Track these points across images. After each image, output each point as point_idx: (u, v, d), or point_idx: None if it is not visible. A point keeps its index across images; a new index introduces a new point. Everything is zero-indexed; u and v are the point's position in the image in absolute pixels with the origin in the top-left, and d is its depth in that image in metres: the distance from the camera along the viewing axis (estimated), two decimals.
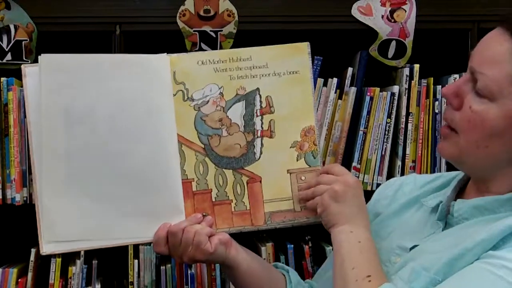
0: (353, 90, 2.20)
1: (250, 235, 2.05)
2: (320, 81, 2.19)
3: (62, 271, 2.13)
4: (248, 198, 1.55)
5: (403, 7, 2.26)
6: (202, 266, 2.17)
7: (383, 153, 2.21)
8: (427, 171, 2.22)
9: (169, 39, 2.16)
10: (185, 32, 2.20)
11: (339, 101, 2.21)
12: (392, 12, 2.26)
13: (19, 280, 2.12)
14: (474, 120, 1.27)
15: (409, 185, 1.57)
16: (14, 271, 2.12)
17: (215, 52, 1.59)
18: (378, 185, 2.18)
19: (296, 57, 1.57)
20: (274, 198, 1.56)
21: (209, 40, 2.20)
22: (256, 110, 1.56)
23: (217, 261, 1.56)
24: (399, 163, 2.21)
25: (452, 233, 1.32)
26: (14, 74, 2.12)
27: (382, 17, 2.26)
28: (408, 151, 2.21)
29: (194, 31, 2.20)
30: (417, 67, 2.22)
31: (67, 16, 2.19)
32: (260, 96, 1.56)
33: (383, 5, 2.26)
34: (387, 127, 2.20)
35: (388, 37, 2.27)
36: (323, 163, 2.17)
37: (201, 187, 1.55)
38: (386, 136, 2.21)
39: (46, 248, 1.50)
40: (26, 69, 1.52)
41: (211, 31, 2.20)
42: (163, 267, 2.18)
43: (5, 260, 2.23)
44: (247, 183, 1.56)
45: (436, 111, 2.21)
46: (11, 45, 2.16)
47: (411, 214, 1.48)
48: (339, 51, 2.34)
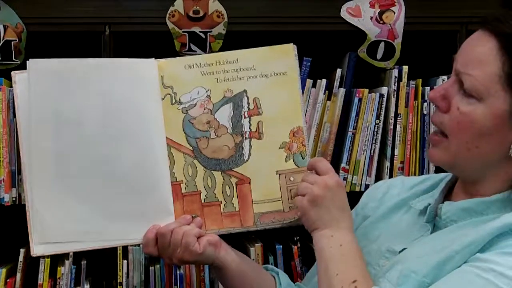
0: (342, 91, 2.21)
1: (239, 236, 2.05)
2: (309, 82, 2.19)
3: (51, 272, 2.12)
4: (237, 199, 1.56)
5: (392, 8, 2.27)
6: (191, 267, 2.18)
7: (371, 154, 2.22)
8: (415, 172, 2.23)
9: (158, 40, 2.17)
10: (174, 33, 2.20)
11: (328, 102, 2.21)
12: (381, 13, 2.27)
13: (8, 280, 2.11)
14: (463, 121, 1.27)
15: (397, 187, 1.57)
16: (2, 271, 2.11)
17: (202, 56, 1.58)
18: (367, 186, 2.19)
19: (283, 58, 1.57)
20: (263, 199, 1.56)
21: (199, 41, 2.20)
22: (244, 112, 1.56)
23: (206, 262, 1.56)
24: (387, 164, 2.22)
25: (441, 236, 1.32)
26: (3, 74, 2.11)
27: (371, 18, 2.27)
28: (396, 152, 2.22)
29: (184, 32, 2.20)
30: (405, 68, 2.23)
31: (57, 16, 2.18)
32: (248, 98, 1.56)
33: (372, 6, 2.27)
34: (375, 128, 2.21)
35: (377, 39, 2.28)
36: None
37: (190, 189, 1.55)
38: (374, 137, 2.22)
39: (37, 250, 1.50)
40: (16, 75, 1.52)
41: (200, 32, 2.20)
42: (152, 268, 2.18)
43: None
44: (236, 184, 1.56)
45: (425, 112, 2.22)
46: (0, 45, 2.16)
47: (399, 217, 1.49)
48: (328, 53, 2.34)
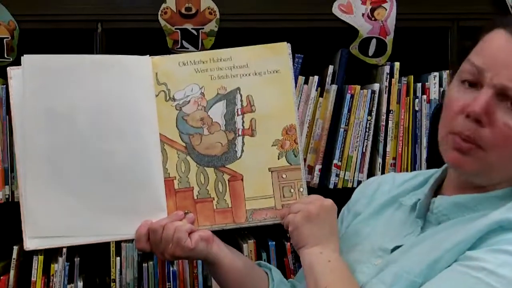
0: (334, 88, 2.21)
1: (232, 232, 2.06)
2: (301, 79, 2.20)
3: (44, 269, 2.12)
4: (230, 196, 1.56)
5: (384, 5, 2.28)
6: (184, 263, 2.18)
7: (364, 150, 2.23)
8: (407, 168, 2.24)
9: (150, 37, 2.17)
10: (166, 30, 2.20)
11: (320, 99, 2.22)
12: (372, 10, 2.27)
13: (1, 277, 2.12)
14: (510, 137, 1.23)
15: (387, 184, 1.57)
16: None
17: (196, 53, 1.59)
18: (359, 182, 2.20)
19: (277, 56, 1.58)
20: (256, 196, 1.57)
21: (191, 38, 2.20)
22: (237, 109, 1.57)
23: (198, 258, 1.57)
24: (379, 160, 2.23)
25: (432, 234, 1.32)
26: None
27: (363, 15, 2.27)
28: (388, 148, 2.23)
29: (176, 29, 2.20)
30: (397, 65, 2.23)
31: (49, 13, 2.18)
32: (241, 96, 1.57)
33: (364, 3, 2.27)
34: (367, 124, 2.22)
35: (369, 35, 2.28)
36: (304, 160, 2.19)
37: (183, 185, 1.56)
38: (366, 134, 2.22)
39: (30, 244, 1.51)
40: (12, 71, 1.52)
41: (192, 29, 2.20)
42: (145, 264, 2.18)
43: None
44: (228, 181, 1.57)
45: (416, 108, 2.23)
46: None
47: (390, 214, 1.49)
48: (320, 49, 2.35)
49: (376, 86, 2.22)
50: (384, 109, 2.22)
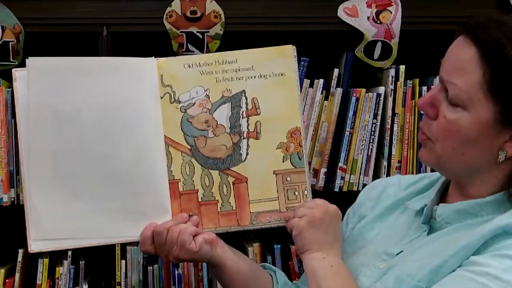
0: (339, 91, 2.21)
1: (237, 235, 2.06)
2: (306, 82, 2.20)
3: (50, 272, 2.12)
4: (234, 198, 1.56)
5: (389, 8, 2.28)
6: (189, 266, 2.18)
7: (369, 153, 2.22)
8: (412, 172, 2.23)
9: (156, 40, 2.17)
10: (172, 33, 2.20)
11: (325, 102, 2.22)
12: (377, 13, 2.27)
13: (7, 280, 2.12)
14: (450, 129, 1.28)
15: (393, 186, 1.58)
16: (1, 272, 2.11)
17: (202, 55, 1.60)
18: (364, 185, 2.19)
19: (282, 59, 1.58)
20: (260, 199, 1.57)
21: (196, 41, 2.20)
22: (242, 111, 1.57)
23: (203, 260, 1.57)
24: (385, 163, 2.23)
25: (436, 239, 1.33)
26: (1, 75, 2.12)
27: (368, 18, 2.27)
28: (394, 151, 2.23)
29: (181, 32, 2.20)
30: (402, 68, 2.23)
31: (54, 17, 2.19)
32: (246, 98, 1.57)
33: (369, 6, 2.27)
34: (373, 127, 2.22)
35: (374, 39, 2.28)
36: (309, 163, 2.19)
37: (187, 188, 1.56)
38: (372, 137, 2.22)
39: (34, 246, 1.51)
40: (17, 73, 1.53)
41: (197, 32, 2.21)
42: (150, 268, 2.18)
43: None
44: (233, 183, 1.57)
45: (422, 112, 2.22)
46: None
47: (395, 217, 1.49)
48: (325, 52, 2.35)
49: (382, 89, 2.22)
50: (389, 112, 2.22)
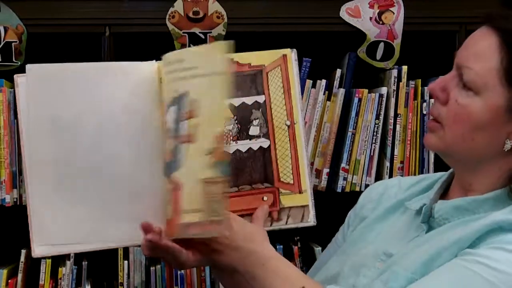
0: (342, 91, 2.21)
1: None
2: (309, 82, 2.20)
3: (52, 272, 2.13)
4: (172, 206, 1.43)
5: (391, 9, 2.28)
6: None
7: (371, 154, 2.23)
8: (415, 172, 2.23)
9: (158, 41, 2.17)
10: (174, 34, 2.20)
11: (328, 102, 2.22)
12: (380, 14, 2.27)
13: (9, 281, 2.12)
14: (460, 113, 1.29)
15: (394, 188, 1.58)
16: (4, 272, 2.12)
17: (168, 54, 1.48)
18: (366, 185, 2.20)
19: (221, 57, 1.41)
20: (189, 209, 1.41)
21: (199, 42, 2.20)
22: (183, 114, 1.43)
23: (207, 264, 1.55)
24: (387, 164, 2.23)
25: (433, 236, 1.33)
26: (4, 75, 2.12)
27: (370, 19, 2.27)
28: (396, 152, 2.23)
29: (184, 33, 2.21)
30: (405, 68, 2.23)
31: (57, 18, 2.19)
32: (187, 99, 1.43)
33: (371, 7, 2.27)
34: (375, 128, 2.22)
35: (376, 39, 2.28)
36: (312, 163, 2.19)
37: None
38: (374, 137, 2.22)
39: (38, 251, 1.50)
40: (18, 79, 1.52)
41: (200, 32, 2.21)
42: (153, 268, 2.18)
43: None
44: (172, 190, 1.44)
45: (424, 112, 2.23)
46: (0, 46, 2.16)
47: (396, 218, 1.49)
48: (328, 53, 2.35)
49: (384, 90, 2.22)
50: (391, 113, 2.22)
